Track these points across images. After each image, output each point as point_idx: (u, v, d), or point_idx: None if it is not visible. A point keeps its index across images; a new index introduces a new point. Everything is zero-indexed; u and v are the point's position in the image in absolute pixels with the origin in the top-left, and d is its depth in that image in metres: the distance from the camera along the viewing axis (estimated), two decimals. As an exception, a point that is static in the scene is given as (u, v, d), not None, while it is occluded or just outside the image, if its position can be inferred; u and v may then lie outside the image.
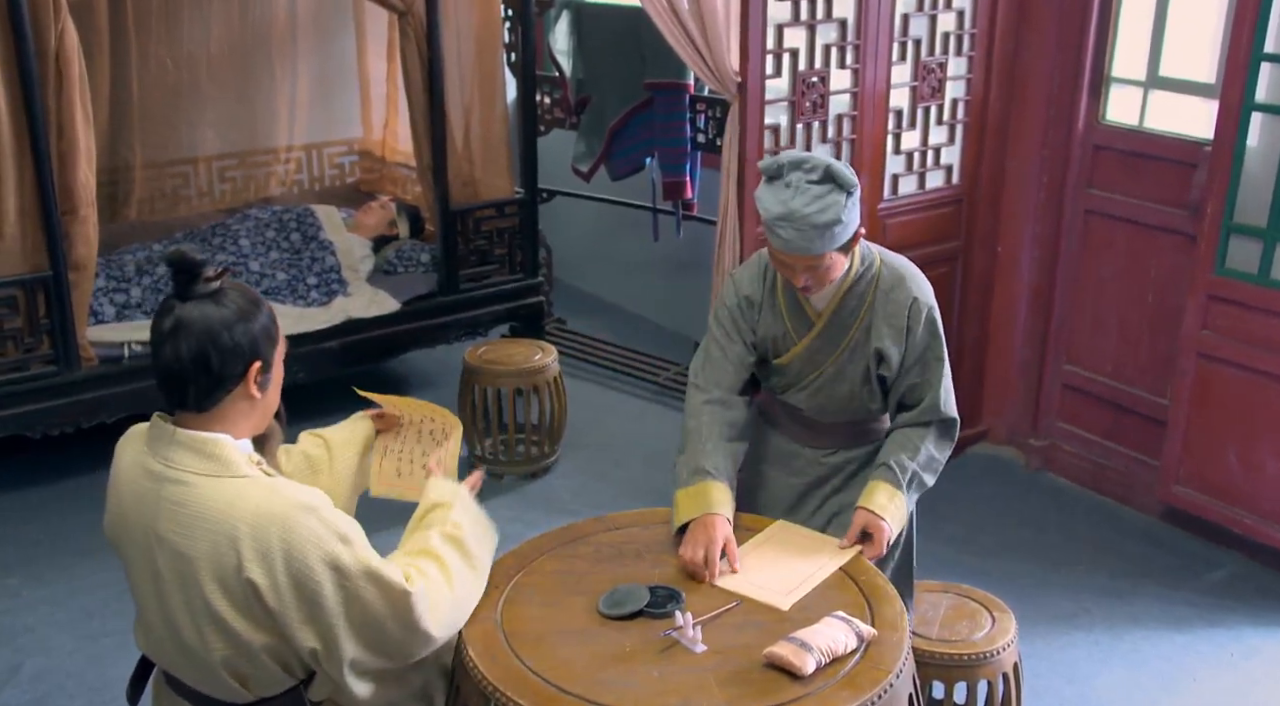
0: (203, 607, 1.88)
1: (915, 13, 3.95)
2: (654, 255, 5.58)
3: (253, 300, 1.97)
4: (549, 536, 2.46)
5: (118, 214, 5.09)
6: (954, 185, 4.27)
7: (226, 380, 1.91)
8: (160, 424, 1.95)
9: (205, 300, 1.92)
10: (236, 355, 1.91)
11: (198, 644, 1.92)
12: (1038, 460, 4.46)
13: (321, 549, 1.87)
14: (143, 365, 4.18)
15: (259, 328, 1.94)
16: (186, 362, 1.89)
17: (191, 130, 5.24)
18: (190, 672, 1.99)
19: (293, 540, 1.85)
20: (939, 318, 2.60)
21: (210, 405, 1.93)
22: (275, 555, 1.84)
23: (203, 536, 1.85)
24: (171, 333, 1.90)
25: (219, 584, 1.86)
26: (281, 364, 2.03)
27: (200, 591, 1.87)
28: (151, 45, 4.97)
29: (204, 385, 1.90)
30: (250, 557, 1.84)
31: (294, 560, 1.85)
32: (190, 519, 1.87)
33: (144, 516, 1.92)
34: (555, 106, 5.33)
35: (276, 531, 1.84)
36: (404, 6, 4.49)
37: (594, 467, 4.50)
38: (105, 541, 2.07)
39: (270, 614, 1.87)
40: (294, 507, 1.87)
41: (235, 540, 1.84)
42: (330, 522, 1.90)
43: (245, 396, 1.95)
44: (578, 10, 5.14)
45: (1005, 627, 2.73)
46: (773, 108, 3.71)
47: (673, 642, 2.09)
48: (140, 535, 1.93)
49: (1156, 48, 3.97)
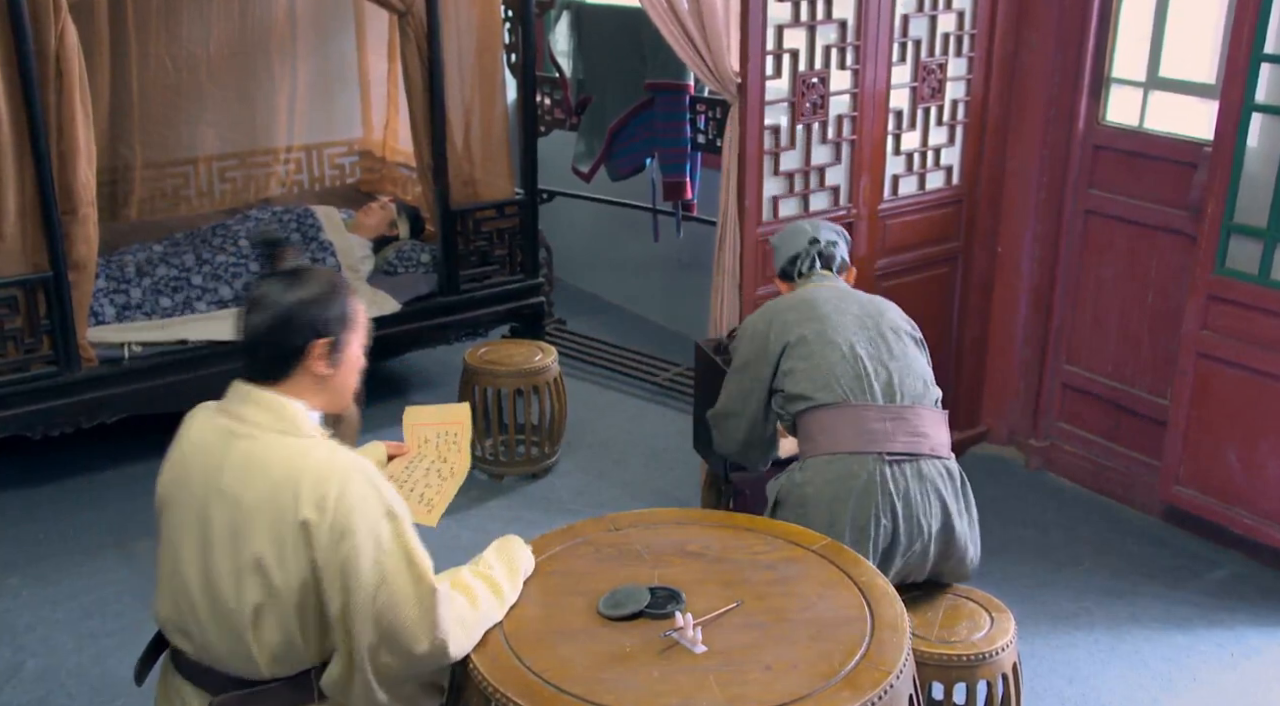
0: (248, 558, 1.97)
1: (915, 13, 3.95)
2: (654, 256, 5.58)
3: (330, 283, 2.11)
4: (549, 537, 2.46)
5: (118, 214, 5.09)
6: (954, 186, 4.27)
7: (294, 354, 2.06)
8: (238, 386, 2.10)
9: (285, 278, 2.09)
10: (303, 331, 2.05)
11: (233, 598, 1.99)
12: (1038, 460, 4.46)
13: (369, 517, 1.96)
14: (143, 366, 4.19)
15: (333, 308, 2.08)
16: (259, 334, 2.05)
17: (192, 130, 5.24)
18: (214, 636, 2.04)
19: (348, 497, 1.95)
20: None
21: (280, 376, 2.07)
22: (329, 505, 1.94)
23: (264, 486, 1.97)
24: (251, 305, 2.07)
25: (270, 531, 1.96)
26: (360, 349, 2.17)
27: (249, 541, 1.97)
28: (152, 45, 4.97)
29: (273, 356, 2.06)
30: (307, 502, 1.94)
31: (343, 515, 1.94)
32: (255, 470, 1.99)
33: (208, 472, 2.04)
34: (555, 107, 5.33)
35: (336, 485, 1.95)
36: (404, 7, 4.49)
37: (594, 468, 4.50)
38: (106, 541, 2.10)
39: (312, 564, 1.95)
40: (355, 470, 1.99)
41: (296, 487, 1.95)
42: (384, 495, 2.00)
43: (313, 372, 2.08)
44: (578, 11, 5.14)
45: (1004, 628, 2.73)
46: (773, 108, 3.71)
47: (673, 643, 2.09)
48: (199, 490, 2.04)
49: (1156, 48, 3.97)
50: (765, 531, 2.50)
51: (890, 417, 2.72)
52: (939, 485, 2.72)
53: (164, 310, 4.48)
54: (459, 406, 2.62)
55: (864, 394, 2.73)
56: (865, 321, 2.85)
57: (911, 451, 2.70)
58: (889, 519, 2.66)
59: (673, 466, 4.44)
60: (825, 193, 3.93)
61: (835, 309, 2.86)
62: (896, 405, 2.74)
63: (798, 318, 2.86)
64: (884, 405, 2.74)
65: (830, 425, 2.72)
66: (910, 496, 2.68)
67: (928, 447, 2.72)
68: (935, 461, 2.73)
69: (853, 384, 2.74)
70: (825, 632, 2.13)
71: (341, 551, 1.94)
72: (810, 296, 2.92)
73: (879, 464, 2.66)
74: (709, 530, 2.51)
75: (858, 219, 4.00)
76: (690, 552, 2.39)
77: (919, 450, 2.71)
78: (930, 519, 2.70)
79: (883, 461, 2.67)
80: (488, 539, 3.45)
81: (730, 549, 2.41)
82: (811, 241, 3.06)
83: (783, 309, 2.91)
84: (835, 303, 2.89)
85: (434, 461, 2.52)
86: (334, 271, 2.24)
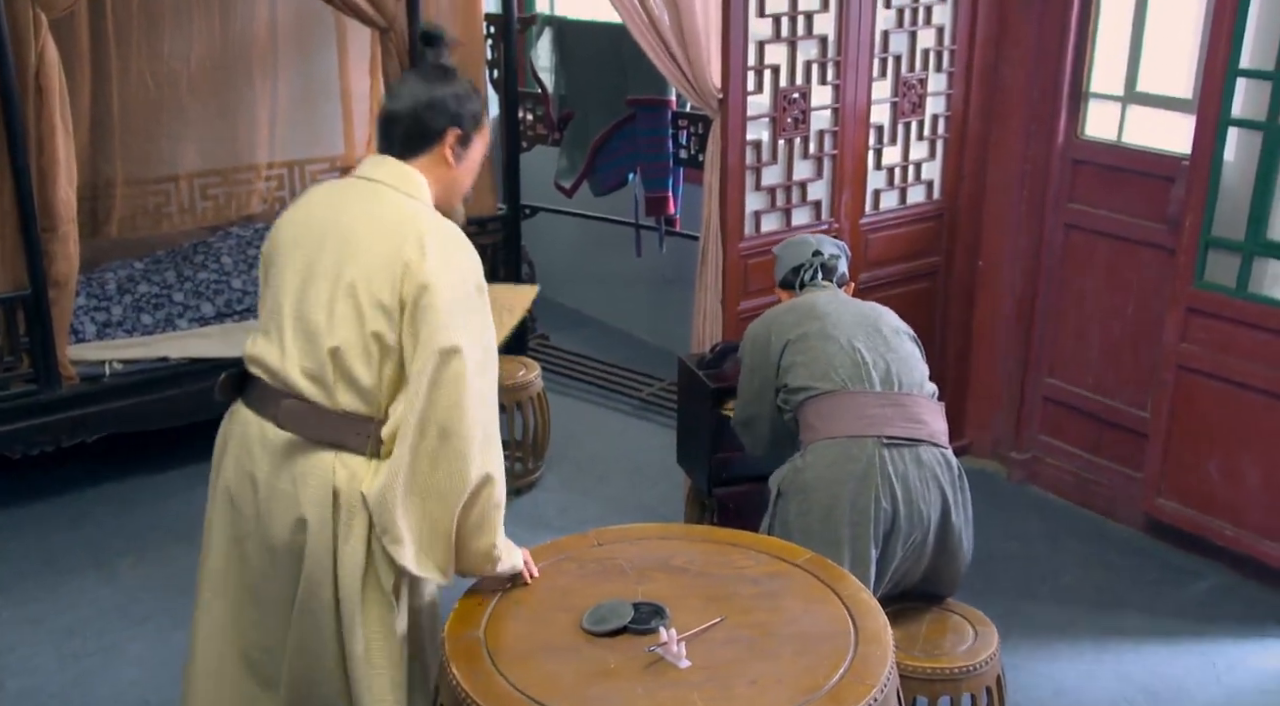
0: (345, 283, 2.13)
1: (895, 29, 3.98)
2: (637, 271, 5.59)
3: (473, 86, 2.32)
4: (533, 552, 2.45)
5: (99, 231, 5.06)
6: (935, 200, 4.29)
7: (428, 135, 2.24)
8: (374, 156, 2.28)
9: (435, 70, 2.30)
10: (441, 115, 2.24)
11: (323, 319, 2.15)
12: (1021, 473, 4.47)
13: (461, 279, 2.14)
14: (124, 383, 4.17)
15: (470, 106, 2.28)
16: (402, 109, 2.24)
17: (173, 147, 5.22)
18: (299, 353, 2.18)
19: (451, 257, 2.14)
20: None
21: (412, 153, 2.25)
22: (431, 254, 2.11)
23: (379, 228, 2.16)
24: (399, 85, 2.30)
25: (370, 265, 2.12)
26: (480, 156, 2.35)
27: (350, 272, 2.13)
28: (133, 61, 4.96)
29: (410, 133, 2.24)
30: (413, 246, 2.11)
31: (438, 267, 2.10)
32: (372, 214, 2.19)
33: (328, 214, 2.23)
34: (538, 123, 5.33)
35: (442, 242, 2.15)
36: (386, 23, 4.50)
37: (578, 483, 4.49)
38: (87, 560, 2.11)
39: (400, 301, 2.10)
40: (463, 242, 2.20)
41: (405, 233, 2.13)
42: (478, 270, 2.19)
43: (440, 159, 2.26)
44: (560, 27, 5.16)
45: (988, 641, 2.74)
46: (754, 123, 3.72)
47: (657, 658, 2.09)
48: (318, 232, 2.21)
49: (1134, 63, 4.00)
50: (749, 546, 2.50)
51: (888, 404, 2.76)
52: (938, 472, 2.74)
53: (145, 327, 4.46)
54: (529, 288, 2.72)
55: (862, 382, 2.78)
56: (863, 321, 2.92)
57: (910, 436, 2.73)
58: (889, 502, 2.68)
59: (656, 481, 4.44)
60: (807, 207, 3.94)
61: (834, 309, 2.94)
62: (895, 392, 2.79)
63: (796, 318, 2.94)
64: (882, 392, 2.78)
65: (829, 411, 2.77)
66: (909, 481, 2.70)
67: (926, 434, 2.76)
68: (934, 449, 2.76)
69: (851, 372, 2.79)
70: (809, 647, 2.13)
71: (425, 299, 2.09)
72: (809, 300, 3.01)
73: (877, 447, 2.69)
74: (693, 545, 2.50)
75: (839, 233, 4.02)
76: (674, 567, 2.39)
77: (917, 435, 2.74)
78: (930, 506, 2.72)
79: (881, 444, 2.70)
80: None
81: (714, 564, 2.41)
82: (815, 253, 3.13)
83: (781, 312, 3.00)
84: (834, 305, 2.97)
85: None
86: (471, 81, 2.39)
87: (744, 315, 3.83)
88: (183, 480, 4.39)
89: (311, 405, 2.18)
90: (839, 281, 3.14)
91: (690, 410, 3.67)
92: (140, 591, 3.75)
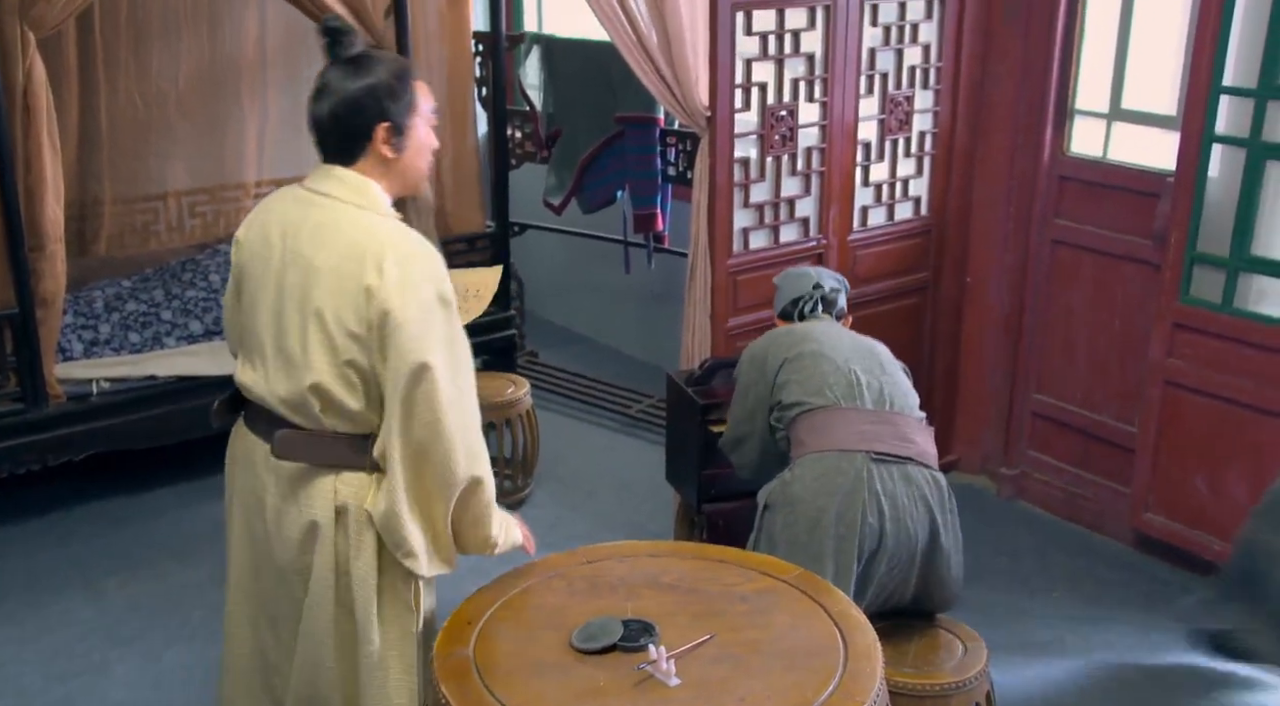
0: (314, 318, 2.12)
1: (882, 47, 4.00)
2: (626, 287, 5.59)
3: (392, 69, 2.21)
4: (522, 570, 2.45)
5: (86, 249, 5.05)
6: (923, 216, 4.31)
7: (358, 136, 2.18)
8: (321, 165, 2.23)
9: (349, 64, 2.19)
10: (363, 113, 2.17)
11: (299, 351, 2.15)
12: (1010, 489, 4.48)
13: (423, 297, 2.11)
14: (111, 402, 4.15)
15: (394, 92, 2.18)
16: (325, 119, 2.18)
17: (161, 165, 5.21)
18: (282, 386, 2.19)
19: (410, 274, 2.11)
20: None
21: (350, 159, 2.20)
22: (390, 274, 2.09)
23: (335, 250, 2.13)
24: (317, 92, 2.20)
25: (334, 290, 2.11)
26: (425, 133, 2.26)
27: (317, 301, 2.12)
28: (120, 79, 4.95)
29: (340, 138, 2.19)
30: (371, 268, 2.09)
31: (399, 287, 2.09)
32: (329, 235, 2.15)
33: (286, 237, 2.19)
34: (526, 140, 5.35)
35: (400, 259, 2.11)
36: (374, 41, 4.50)
37: (567, 500, 4.49)
38: (73, 580, 2.12)
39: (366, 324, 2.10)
40: (422, 252, 2.16)
41: (364, 254, 2.10)
42: (442, 283, 2.15)
43: (380, 155, 2.20)
44: (548, 45, 5.17)
45: (978, 656, 2.74)
46: (742, 141, 3.74)
47: (647, 676, 2.08)
48: (278, 254, 2.19)
49: (1119, 80, 4.03)
50: (738, 563, 2.49)
51: (879, 421, 2.79)
52: (926, 492, 2.75)
53: (133, 346, 4.45)
54: (493, 270, 2.71)
55: (855, 400, 2.81)
56: (860, 347, 2.98)
57: (899, 454, 2.75)
58: (876, 518, 2.68)
59: (646, 498, 4.44)
60: (795, 224, 3.96)
61: (831, 336, 3.00)
62: (886, 411, 2.82)
63: (794, 340, 2.98)
64: (874, 410, 2.81)
65: (820, 426, 2.79)
66: (897, 498, 2.71)
67: (915, 452, 2.78)
68: (923, 469, 2.78)
69: (845, 391, 2.82)
70: (799, 663, 2.13)
71: (389, 323, 2.09)
72: (807, 326, 3.07)
73: (867, 462, 2.71)
74: (682, 562, 2.50)
75: (828, 250, 4.03)
76: (663, 584, 2.39)
77: (906, 453, 2.76)
78: (917, 525, 2.73)
79: (870, 459, 2.71)
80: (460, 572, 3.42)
81: (703, 580, 2.41)
82: (815, 286, 3.18)
83: (779, 334, 3.06)
84: (831, 332, 3.03)
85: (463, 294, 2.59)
86: (398, 57, 2.33)
87: (733, 332, 3.83)
88: (172, 498, 4.38)
89: (303, 431, 2.21)
90: (837, 315, 3.19)
91: (679, 427, 3.68)
92: (128, 611, 3.73)
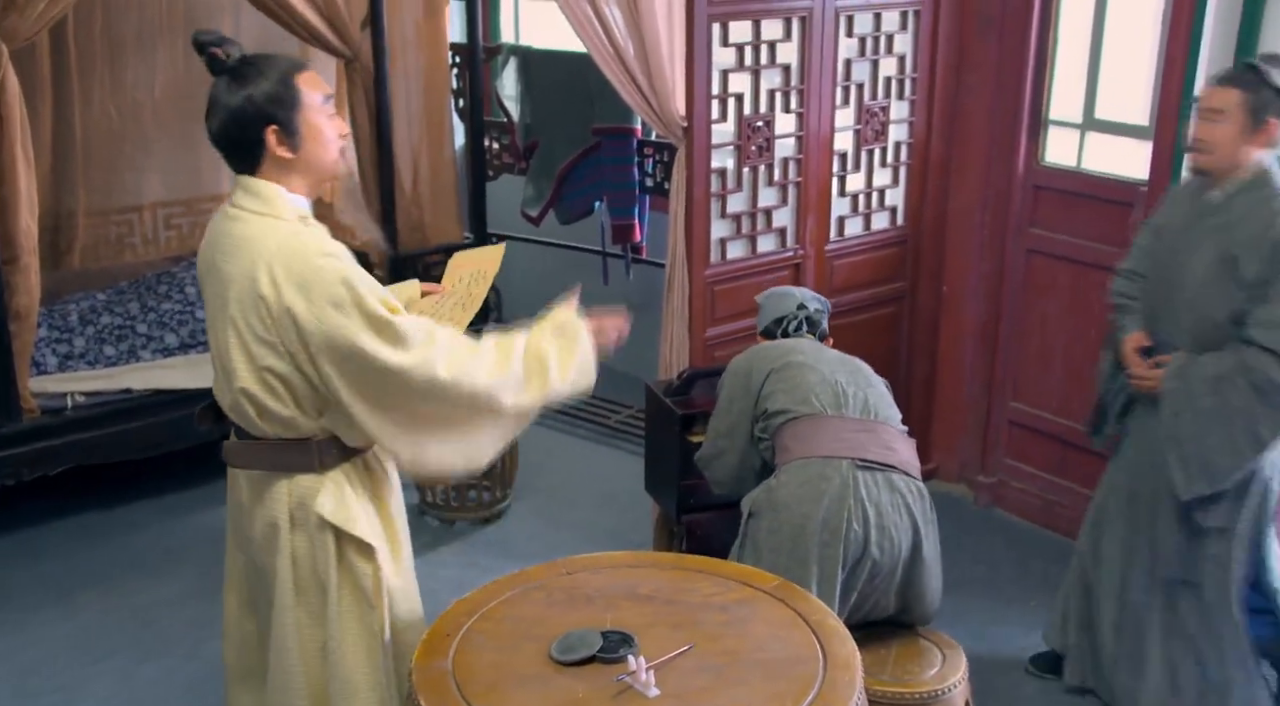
0: (230, 324, 2.18)
1: (857, 58, 4.02)
2: (604, 298, 5.52)
3: (271, 72, 2.19)
4: (502, 582, 2.44)
5: (60, 262, 5.01)
6: (899, 226, 4.33)
7: (250, 145, 2.20)
8: (238, 178, 2.25)
9: (230, 76, 2.19)
10: (247, 123, 2.18)
11: (227, 361, 2.21)
12: (987, 497, 4.50)
13: (323, 286, 2.12)
14: (86, 416, 4.12)
15: (273, 97, 2.18)
16: (217, 135, 2.21)
17: (136, 177, 5.18)
18: (225, 397, 2.28)
19: (298, 273, 2.12)
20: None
21: (252, 167, 2.22)
22: (280, 279, 2.12)
23: (238, 261, 2.17)
24: (207, 110, 2.21)
25: (240, 300, 2.16)
26: (318, 121, 2.24)
27: (230, 309, 2.17)
28: (95, 91, 4.93)
29: (235, 150, 2.22)
30: (264, 277, 2.13)
31: (292, 288, 2.12)
32: (234, 246, 2.19)
33: (211, 251, 2.25)
34: (504, 151, 5.35)
35: (288, 262, 2.13)
36: (350, 53, 4.50)
37: (547, 511, 4.48)
38: (47, 596, 2.12)
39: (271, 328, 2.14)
40: (312, 249, 2.16)
41: (255, 262, 2.14)
42: (341, 268, 2.14)
43: (277, 158, 2.21)
44: (525, 56, 5.18)
45: (956, 665, 2.74)
46: (719, 151, 3.75)
47: (626, 687, 2.08)
48: (209, 268, 2.26)
49: (1092, 91, 4.06)
50: (717, 573, 2.49)
51: (863, 430, 2.81)
52: (909, 501, 2.77)
53: (108, 359, 4.41)
54: (495, 247, 2.76)
55: (840, 407, 2.84)
56: (845, 362, 3.00)
57: (883, 461, 2.77)
58: (860, 525, 2.69)
59: (625, 508, 4.43)
60: (772, 234, 3.97)
61: (815, 350, 3.03)
62: (870, 420, 2.84)
63: (778, 353, 3.00)
64: (859, 418, 2.83)
65: (805, 433, 2.80)
66: (882, 506, 2.72)
67: (898, 460, 2.80)
68: (907, 478, 2.80)
69: (830, 400, 2.84)
70: (778, 673, 2.13)
71: (296, 327, 2.13)
72: (792, 342, 3.09)
73: (852, 468, 2.73)
74: (661, 573, 2.50)
75: (804, 260, 4.05)
76: (642, 596, 2.38)
77: (890, 461, 2.78)
78: (901, 533, 2.74)
79: (855, 466, 2.73)
80: (439, 585, 3.43)
81: (682, 591, 2.41)
82: (800, 307, 3.19)
83: (764, 348, 3.09)
84: (815, 347, 3.05)
85: (461, 297, 2.62)
86: (278, 57, 2.30)
87: (711, 341, 3.84)
88: (148, 512, 4.34)
89: (248, 440, 2.29)
90: (820, 336, 3.19)
91: (658, 437, 3.68)
92: (103, 627, 3.70)
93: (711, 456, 3.12)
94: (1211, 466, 2.91)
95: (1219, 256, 2.90)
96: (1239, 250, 2.86)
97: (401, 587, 2.43)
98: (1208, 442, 2.90)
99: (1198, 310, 2.95)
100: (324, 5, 4.36)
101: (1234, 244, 2.87)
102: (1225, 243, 2.89)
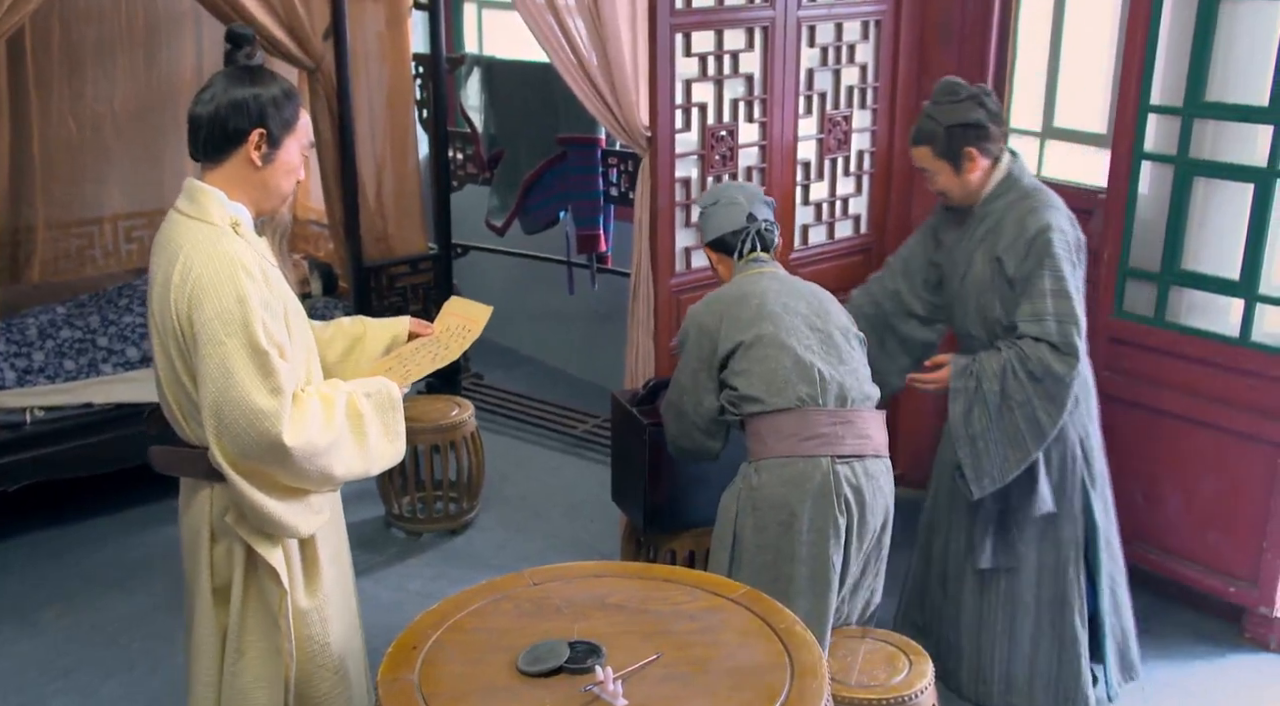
0: (153, 325, 2.22)
1: (819, 67, 4.05)
2: (569, 308, 5.60)
3: (285, 88, 2.27)
4: (469, 593, 2.43)
5: (19, 275, 4.96)
6: (862, 234, 4.36)
7: (231, 137, 2.22)
8: (188, 180, 2.27)
9: (243, 71, 2.25)
10: (244, 116, 2.21)
11: (156, 363, 2.24)
12: (952, 502, 4.52)
13: (219, 297, 2.12)
14: (46, 431, 4.08)
15: (278, 106, 2.24)
16: (204, 113, 2.22)
17: (97, 189, 5.14)
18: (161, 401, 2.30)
19: (204, 278, 2.13)
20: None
21: (214, 159, 2.24)
22: (188, 281, 2.14)
23: (160, 262, 2.20)
24: (206, 86, 2.25)
25: (160, 304, 2.18)
26: (296, 158, 2.31)
27: (153, 307, 2.20)
28: (54, 103, 4.89)
29: (213, 135, 2.22)
30: (176, 278, 2.15)
31: (196, 292, 2.13)
32: (160, 248, 2.22)
33: (151, 254, 2.27)
34: (468, 162, 5.34)
35: (197, 266, 2.14)
36: (313, 64, 4.49)
37: (514, 522, 4.47)
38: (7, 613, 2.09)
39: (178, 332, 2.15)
40: (223, 257, 2.15)
41: (173, 264, 2.16)
42: (241, 285, 2.13)
43: (247, 161, 2.24)
44: (489, 66, 5.17)
45: (922, 671, 2.76)
46: (683, 161, 3.76)
47: (594, 698, 2.08)
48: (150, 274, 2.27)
49: (1051, 100, 4.11)
50: (685, 581, 2.50)
51: (840, 422, 2.85)
52: (882, 483, 2.90)
53: (68, 373, 4.37)
54: (484, 308, 2.74)
55: (816, 400, 2.84)
56: (814, 321, 2.92)
57: (859, 452, 2.85)
58: (844, 515, 2.81)
59: (593, 518, 4.43)
60: (737, 243, 3.98)
61: (784, 308, 2.91)
62: (846, 410, 2.87)
63: (751, 316, 2.89)
64: (834, 410, 2.85)
65: (782, 428, 2.83)
66: (862, 493, 2.84)
67: (871, 448, 2.89)
68: (879, 461, 2.91)
69: (807, 391, 2.83)
70: (746, 681, 2.13)
71: (190, 321, 2.13)
72: (757, 291, 2.94)
73: (832, 465, 2.80)
74: (629, 582, 2.50)
75: (769, 268, 4.06)
76: (611, 605, 2.39)
77: (864, 451, 2.86)
78: (876, 515, 2.88)
79: (834, 462, 2.80)
80: (406, 597, 3.41)
81: (650, 600, 2.41)
82: (749, 218, 3.06)
83: (731, 304, 2.94)
84: (783, 299, 2.93)
85: (439, 347, 2.62)
86: (291, 82, 2.34)
87: (676, 351, 3.84)
88: (112, 526, 4.30)
89: (170, 446, 2.30)
90: (772, 248, 3.09)
91: (624, 446, 3.68)
92: (65, 643, 3.66)
93: (676, 413, 3.04)
94: (999, 462, 3.09)
95: (987, 260, 3.15)
96: (1001, 253, 3.11)
97: (313, 609, 2.37)
98: (994, 436, 3.08)
99: (984, 313, 3.20)
100: (286, 16, 4.35)
101: (998, 248, 3.12)
102: (990, 248, 3.15)
